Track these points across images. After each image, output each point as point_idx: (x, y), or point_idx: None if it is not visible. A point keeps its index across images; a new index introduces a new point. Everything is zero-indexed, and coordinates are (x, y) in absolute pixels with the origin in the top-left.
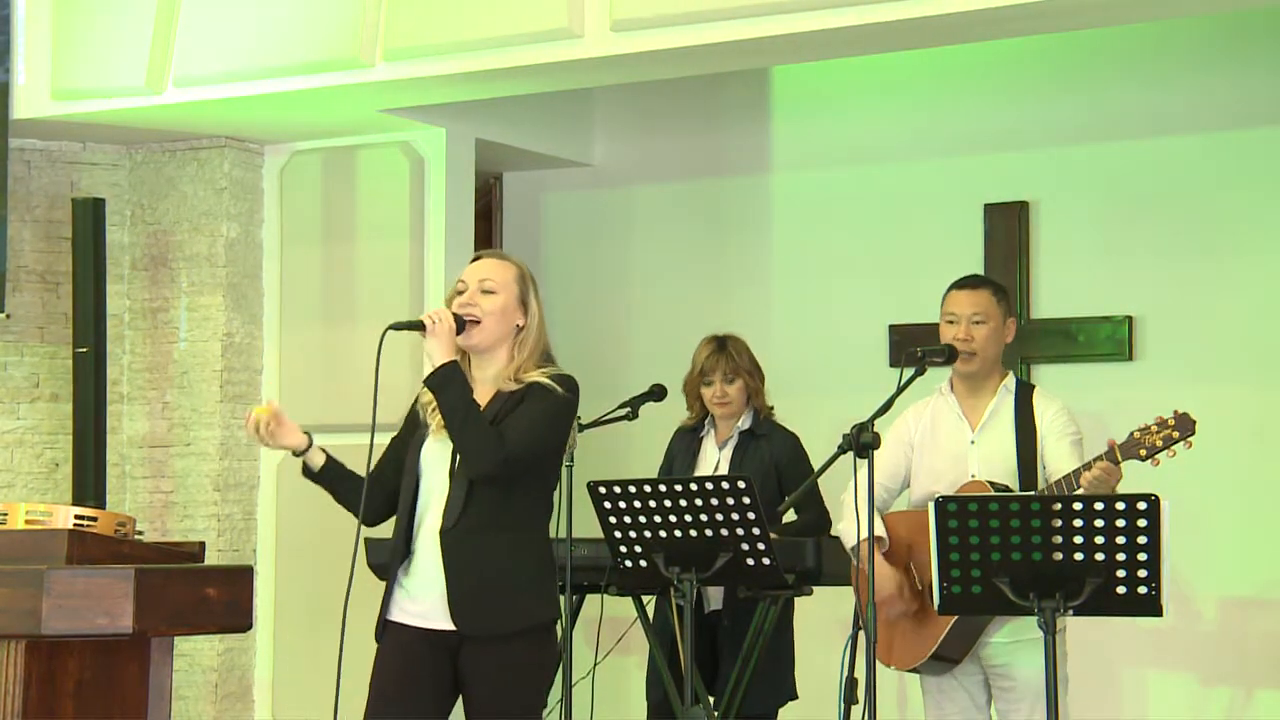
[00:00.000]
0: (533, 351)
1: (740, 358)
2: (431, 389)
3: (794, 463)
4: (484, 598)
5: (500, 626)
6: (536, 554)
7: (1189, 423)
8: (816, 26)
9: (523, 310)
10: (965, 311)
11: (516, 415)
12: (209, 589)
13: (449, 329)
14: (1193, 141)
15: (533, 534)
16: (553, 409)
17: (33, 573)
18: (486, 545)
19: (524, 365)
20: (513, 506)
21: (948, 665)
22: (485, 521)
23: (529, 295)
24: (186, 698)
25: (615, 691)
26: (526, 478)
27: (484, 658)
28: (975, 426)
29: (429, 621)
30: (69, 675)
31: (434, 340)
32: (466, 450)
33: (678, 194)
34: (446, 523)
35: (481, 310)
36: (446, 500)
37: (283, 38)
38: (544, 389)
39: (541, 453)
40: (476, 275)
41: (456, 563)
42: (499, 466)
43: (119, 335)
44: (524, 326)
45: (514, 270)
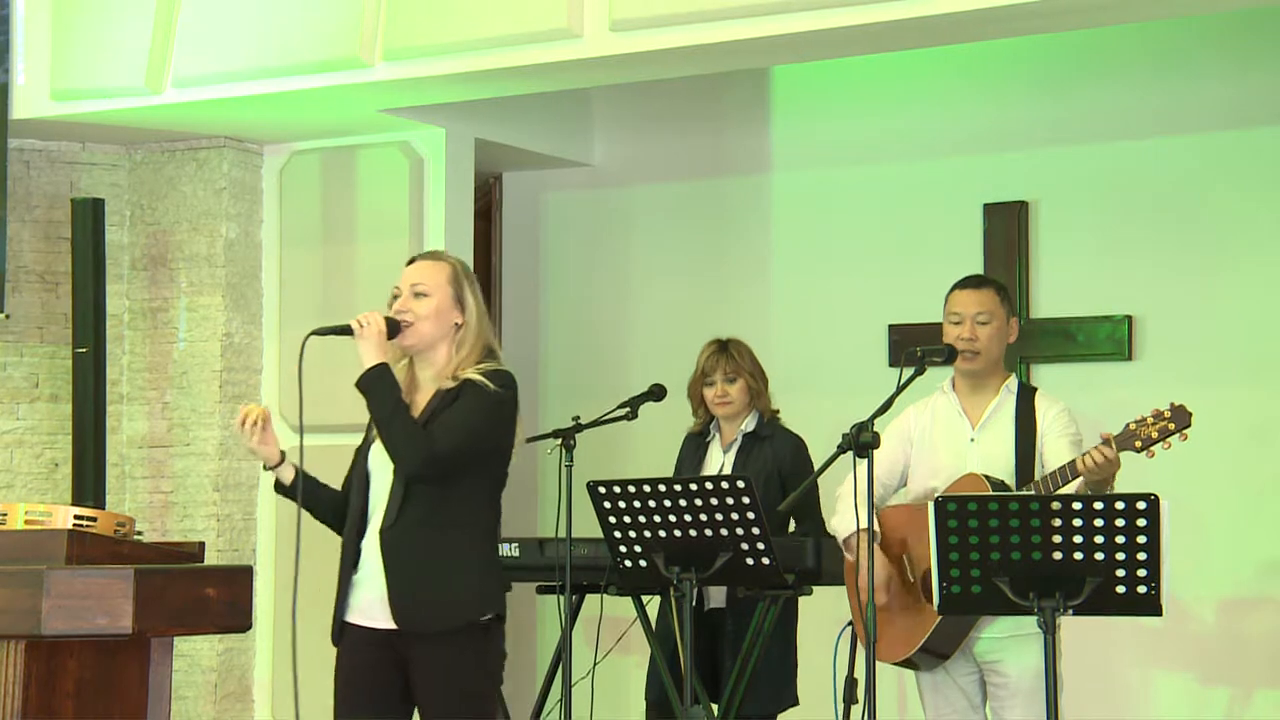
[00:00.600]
0: (473, 348)
1: (742, 359)
2: (361, 391)
3: (797, 465)
4: (422, 595)
5: (439, 624)
6: (478, 551)
7: (1185, 415)
8: (816, 26)
9: (459, 308)
10: (970, 311)
11: (448, 414)
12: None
13: (378, 332)
14: (1193, 141)
15: (474, 531)
16: (485, 406)
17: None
18: (425, 543)
19: (463, 363)
20: (453, 504)
21: (938, 659)
22: (424, 519)
23: (465, 293)
24: (186, 698)
25: (615, 691)
26: (467, 475)
27: (427, 655)
28: (976, 424)
29: (375, 621)
30: (68, 675)
31: (363, 343)
32: (393, 450)
33: (677, 194)
34: (386, 521)
35: (414, 314)
36: (387, 500)
37: (282, 38)
38: (476, 386)
39: (475, 450)
40: (409, 279)
41: (395, 560)
42: (425, 465)
43: (118, 335)
44: (462, 324)
45: (447, 270)
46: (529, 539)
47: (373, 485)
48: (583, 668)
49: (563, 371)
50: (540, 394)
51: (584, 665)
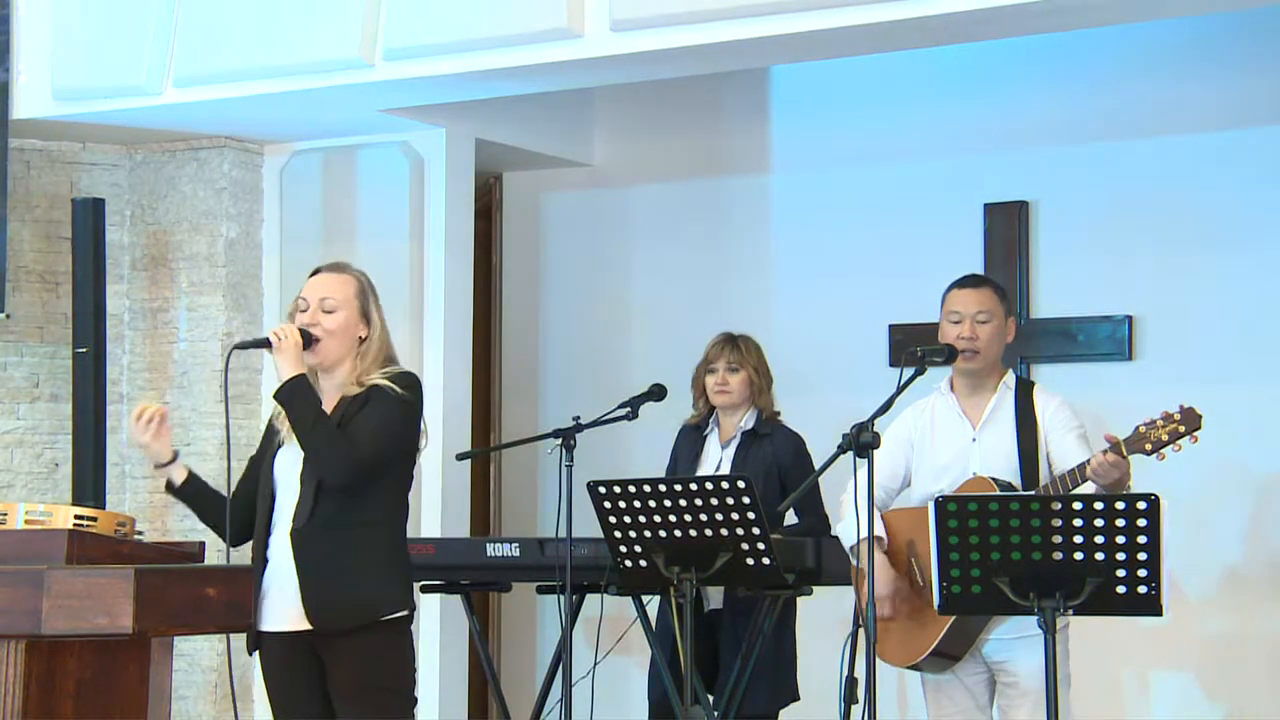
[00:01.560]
0: (375, 358)
1: (748, 353)
2: (280, 402)
3: (797, 463)
4: (335, 593)
5: (349, 621)
6: (388, 550)
7: (1195, 417)
8: (816, 26)
9: (365, 322)
10: (969, 310)
11: (362, 420)
12: (209, 589)
13: (295, 344)
14: (1193, 141)
15: (383, 529)
16: (396, 410)
17: (32, 573)
18: (336, 541)
19: (366, 370)
20: (362, 504)
21: (948, 662)
22: (334, 518)
23: (370, 307)
24: (186, 698)
25: (615, 691)
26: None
27: (340, 655)
28: (976, 424)
29: (289, 623)
30: (68, 675)
31: (280, 356)
32: (317, 460)
33: (677, 194)
34: (297, 522)
35: (323, 329)
36: (297, 502)
37: (282, 38)
38: (384, 391)
39: (389, 453)
40: (317, 294)
41: (306, 561)
42: (350, 473)
43: (118, 335)
44: (366, 337)
45: (354, 284)
46: (529, 539)
47: (280, 491)
48: (583, 668)
49: (562, 371)
50: (540, 394)
51: (584, 665)
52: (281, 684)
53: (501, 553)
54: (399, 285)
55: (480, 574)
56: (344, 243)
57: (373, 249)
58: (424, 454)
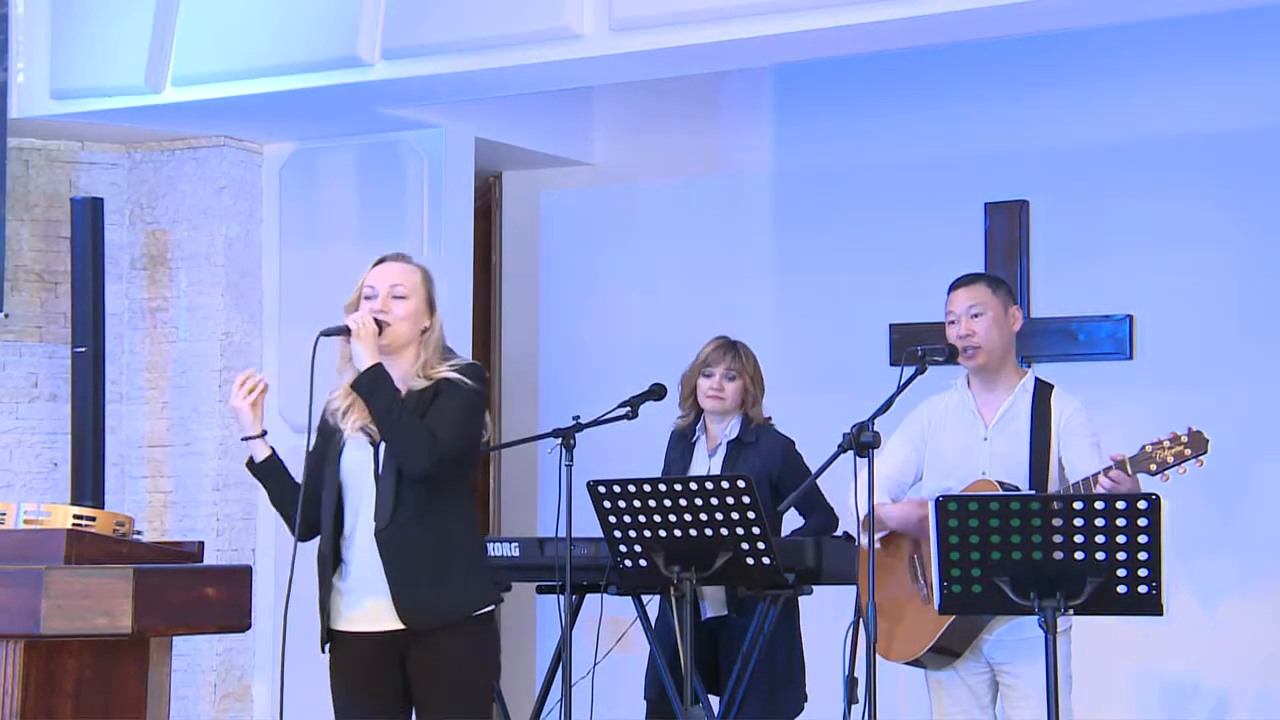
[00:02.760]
0: (436, 349)
1: (746, 361)
2: (360, 393)
3: (788, 467)
4: (427, 592)
5: (446, 618)
6: (469, 542)
7: (1202, 441)
8: (816, 26)
9: (429, 312)
10: (962, 307)
11: (437, 411)
12: (208, 589)
13: (372, 333)
14: (1193, 140)
15: (462, 523)
16: (469, 402)
17: (31, 572)
18: (422, 539)
19: (430, 360)
20: (441, 499)
21: (949, 658)
22: (417, 517)
23: (434, 297)
24: (185, 697)
25: (615, 691)
26: (453, 470)
27: (432, 653)
28: (989, 423)
29: (376, 624)
30: (68, 675)
31: (359, 344)
32: (402, 450)
33: (677, 193)
34: (380, 524)
35: (394, 315)
36: (376, 500)
37: (282, 37)
38: (454, 384)
39: (466, 445)
40: (387, 280)
41: (396, 561)
42: (435, 464)
43: (118, 335)
44: (429, 328)
45: (420, 273)
46: (529, 539)
47: (349, 488)
48: (583, 667)
49: (562, 370)
50: (539, 393)
51: (584, 665)
52: (359, 683)
53: (501, 552)
54: None
55: None
56: (343, 242)
57: (372, 248)
58: None
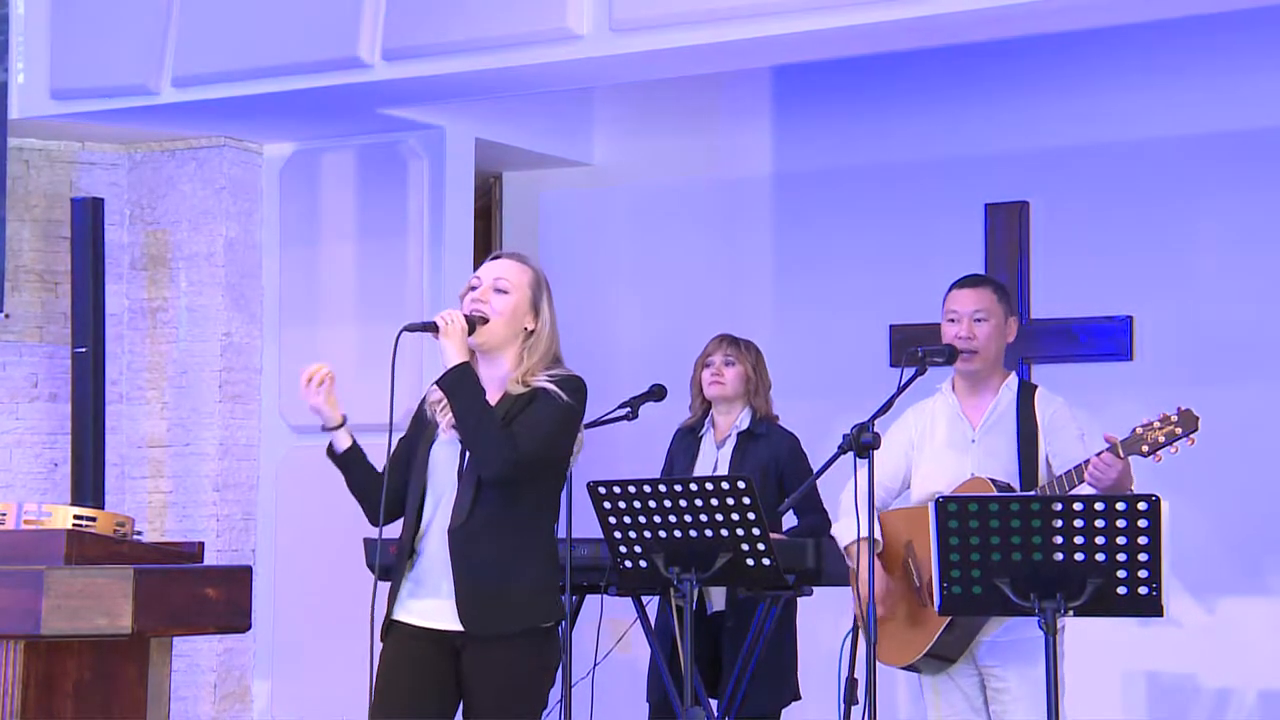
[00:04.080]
0: (542, 357)
1: (747, 351)
2: (444, 390)
3: (794, 462)
4: (490, 597)
5: (506, 626)
6: (542, 556)
7: (1192, 419)
8: (816, 26)
9: (534, 314)
10: (967, 309)
11: (527, 418)
12: (208, 589)
13: (461, 330)
14: (1194, 140)
15: (538, 536)
16: (561, 415)
17: (31, 573)
18: (494, 545)
19: (532, 368)
20: (520, 508)
21: (944, 664)
22: (493, 522)
23: (542, 300)
24: (185, 698)
25: (615, 692)
26: (535, 480)
27: (488, 658)
28: (976, 426)
29: (435, 621)
30: (68, 675)
31: (447, 341)
32: (479, 452)
33: (677, 194)
34: (455, 522)
35: (492, 309)
36: (455, 500)
37: (281, 37)
38: (550, 394)
39: (549, 457)
40: (492, 273)
41: (464, 562)
42: (510, 469)
43: (118, 335)
44: (534, 331)
45: (530, 274)
46: None
47: (433, 482)
48: (583, 668)
49: None
50: None
51: (584, 665)
52: (407, 677)
53: None
54: (398, 285)
55: None
56: (343, 242)
57: (372, 249)
58: None
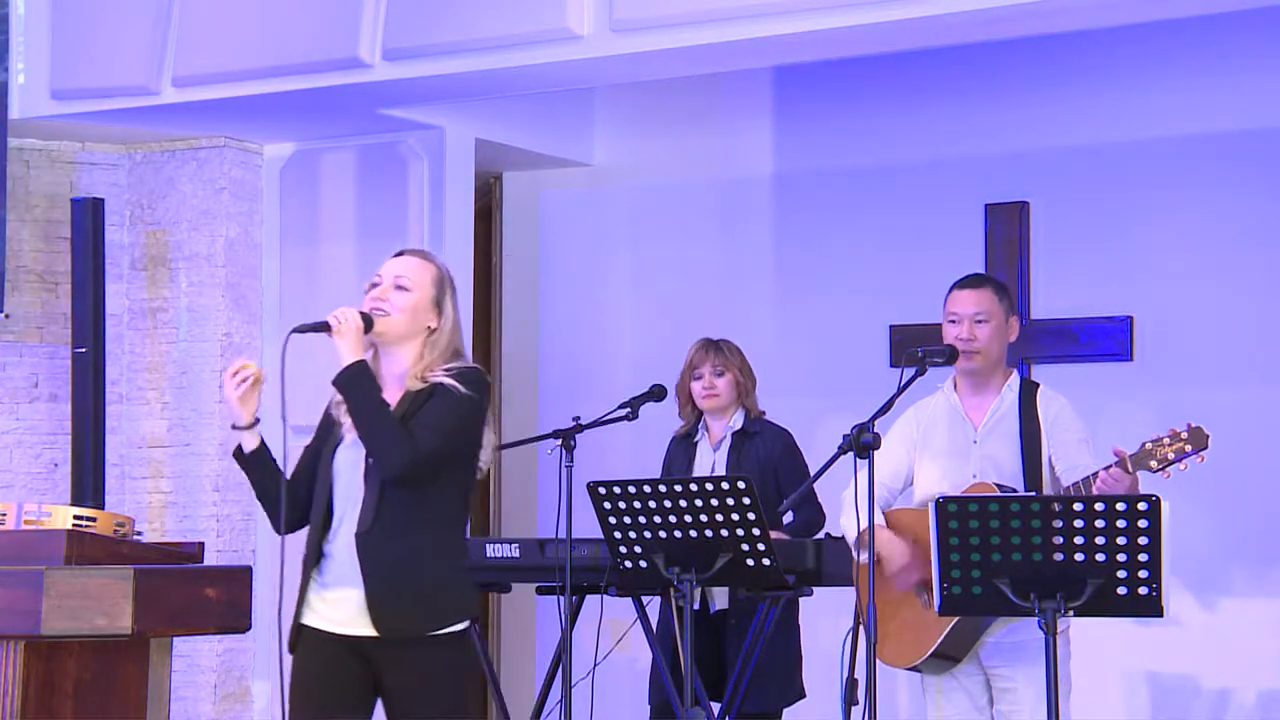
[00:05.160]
0: (443, 353)
1: (731, 355)
2: (339, 389)
3: (788, 458)
4: (402, 600)
5: (418, 629)
6: (453, 555)
7: (1202, 436)
8: (816, 27)
9: (436, 312)
10: (968, 311)
11: (423, 415)
12: (208, 589)
13: (356, 328)
14: (1194, 140)
15: (448, 534)
16: (460, 408)
17: (32, 573)
18: (403, 547)
19: (431, 364)
20: (427, 507)
21: (948, 664)
22: (400, 523)
23: (445, 298)
24: (185, 698)
25: (615, 693)
26: (440, 478)
27: (403, 662)
28: (978, 426)
29: (347, 627)
30: (68, 675)
31: (341, 340)
32: (376, 450)
33: (677, 194)
34: (362, 525)
35: (392, 305)
36: (361, 503)
37: (282, 37)
38: (448, 388)
39: (451, 453)
40: (393, 271)
41: (373, 565)
42: (408, 467)
43: (118, 335)
44: (435, 329)
45: (433, 271)
46: (529, 539)
47: (338, 486)
48: (582, 669)
49: (562, 372)
50: (539, 394)
51: (584, 666)
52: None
53: (501, 553)
54: None
55: (480, 574)
56: (344, 243)
57: (372, 249)
58: None
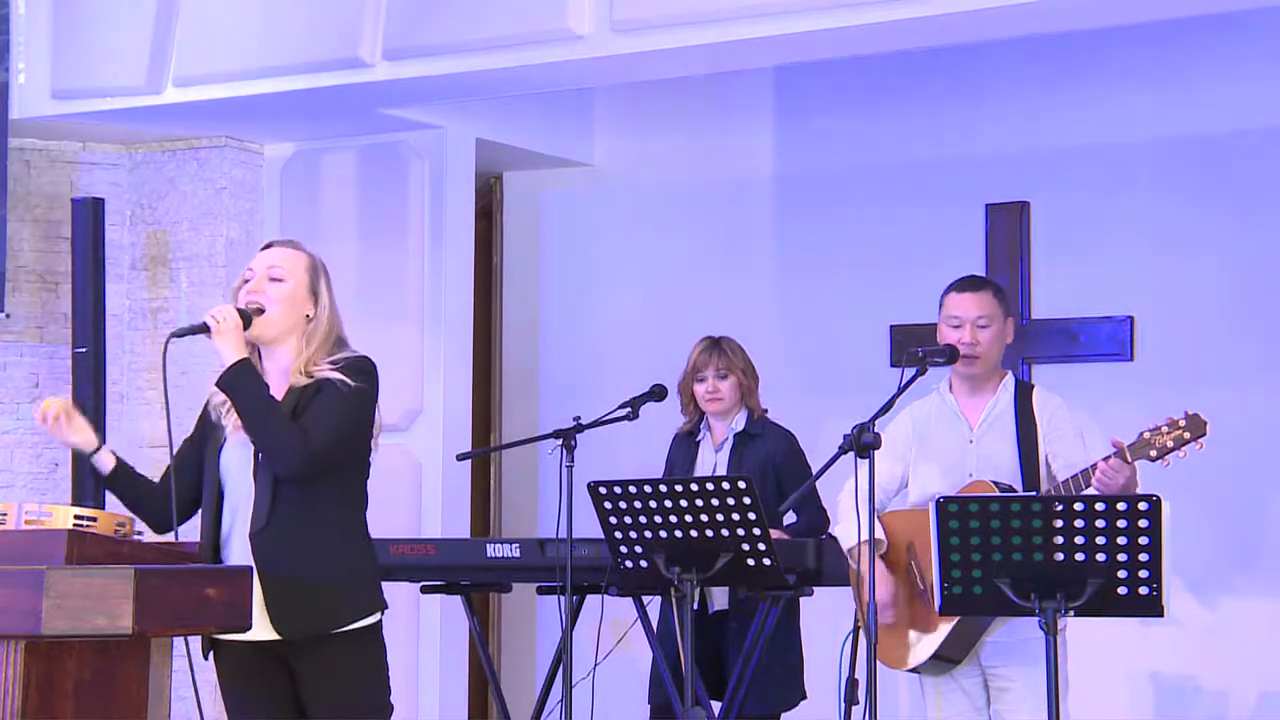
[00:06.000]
0: (323, 343)
1: (734, 356)
2: (224, 390)
3: (791, 460)
4: (303, 599)
5: (322, 627)
6: (354, 548)
7: (1200, 424)
8: (817, 26)
9: (313, 300)
10: (970, 315)
11: (314, 411)
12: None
13: (235, 326)
14: (1195, 141)
15: (347, 529)
16: (350, 401)
17: (32, 573)
18: (299, 545)
19: (313, 357)
20: (322, 503)
21: (948, 665)
22: (295, 520)
23: (320, 285)
24: (186, 698)
25: (616, 693)
26: (334, 472)
27: (314, 661)
28: (974, 426)
29: (254, 632)
30: (68, 676)
31: (220, 340)
32: (270, 450)
33: (678, 194)
34: (255, 526)
35: (268, 298)
36: (253, 502)
37: (282, 37)
38: (334, 383)
39: (345, 446)
40: (265, 262)
41: (270, 565)
42: (304, 465)
43: (118, 335)
44: (313, 317)
45: (305, 259)
46: (529, 539)
47: (228, 487)
48: (583, 669)
49: (562, 371)
50: (540, 394)
51: (584, 666)
52: (242, 693)
53: (502, 553)
54: (399, 285)
55: (480, 575)
56: (344, 242)
57: (373, 249)
58: (424, 454)
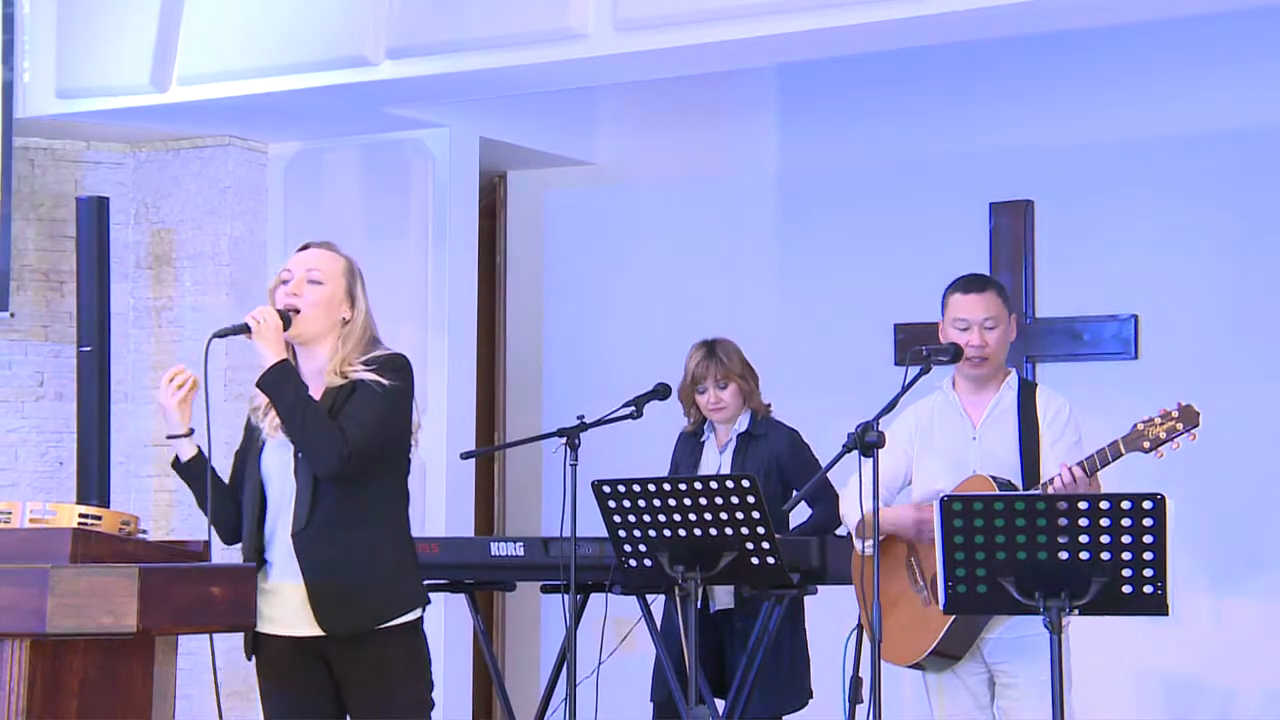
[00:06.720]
0: (358, 344)
1: (730, 361)
2: (265, 390)
3: (795, 456)
4: (345, 596)
5: (365, 624)
6: (394, 546)
7: (1193, 414)
8: (819, 25)
9: (349, 303)
10: (978, 318)
11: (351, 408)
12: (213, 588)
13: (275, 327)
14: (1198, 140)
15: (388, 526)
16: (388, 398)
17: (37, 571)
18: (341, 543)
19: (348, 358)
20: (363, 500)
21: (949, 661)
22: (337, 518)
23: (356, 289)
24: (190, 696)
25: (620, 691)
26: (374, 470)
27: (355, 658)
28: (977, 423)
29: (295, 629)
30: (73, 674)
31: (261, 340)
32: (310, 449)
33: (681, 192)
34: (297, 525)
35: (306, 300)
36: (294, 502)
37: (287, 36)
38: (369, 384)
39: (384, 444)
40: (304, 264)
41: (313, 563)
42: (343, 463)
43: (123, 334)
44: (350, 320)
45: (342, 262)
46: (533, 538)
47: (270, 489)
48: (587, 667)
49: (566, 370)
50: (544, 392)
51: (589, 665)
52: (286, 690)
53: (506, 552)
54: (403, 284)
55: (485, 573)
56: (348, 241)
57: (377, 247)
58: (428, 453)
